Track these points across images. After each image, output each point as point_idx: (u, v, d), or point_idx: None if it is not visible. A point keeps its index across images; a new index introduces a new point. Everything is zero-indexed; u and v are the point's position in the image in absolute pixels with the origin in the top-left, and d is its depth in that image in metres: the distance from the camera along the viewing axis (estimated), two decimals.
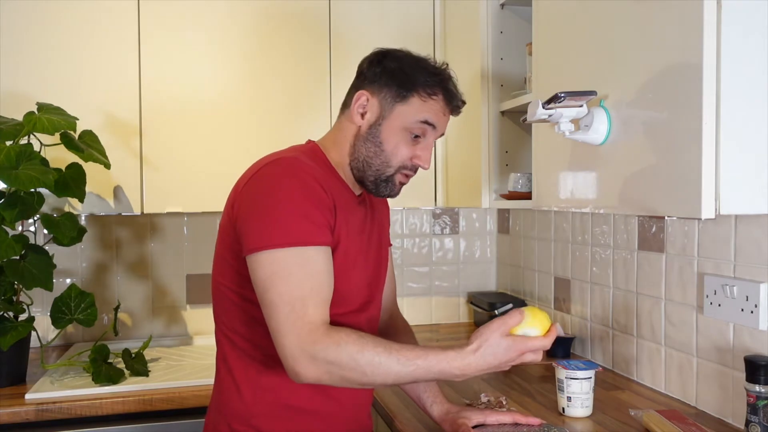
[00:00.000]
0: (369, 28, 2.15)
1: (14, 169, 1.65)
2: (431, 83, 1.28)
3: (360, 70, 1.34)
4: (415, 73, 1.28)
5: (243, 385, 1.26)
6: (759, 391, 1.24)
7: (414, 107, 1.27)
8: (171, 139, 2.01)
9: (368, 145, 1.29)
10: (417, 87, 1.27)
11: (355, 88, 1.33)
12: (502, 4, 1.91)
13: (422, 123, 1.28)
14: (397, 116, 1.28)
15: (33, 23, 1.91)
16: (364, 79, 1.32)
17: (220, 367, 1.32)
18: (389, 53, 1.32)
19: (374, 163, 1.29)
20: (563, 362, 1.51)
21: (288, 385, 1.23)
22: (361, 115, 1.30)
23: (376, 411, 1.68)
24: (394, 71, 1.29)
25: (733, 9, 1.03)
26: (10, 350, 1.76)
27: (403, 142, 1.28)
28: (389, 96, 1.28)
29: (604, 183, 1.30)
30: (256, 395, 1.25)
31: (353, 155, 1.30)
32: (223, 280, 1.27)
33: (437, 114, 1.29)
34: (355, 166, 1.30)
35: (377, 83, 1.29)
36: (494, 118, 1.93)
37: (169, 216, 2.35)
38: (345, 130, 1.32)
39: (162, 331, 2.36)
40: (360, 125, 1.30)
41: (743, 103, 1.04)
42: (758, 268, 1.36)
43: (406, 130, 1.28)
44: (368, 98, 1.29)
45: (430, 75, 1.29)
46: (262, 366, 1.25)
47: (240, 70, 2.06)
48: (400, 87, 1.27)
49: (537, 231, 2.31)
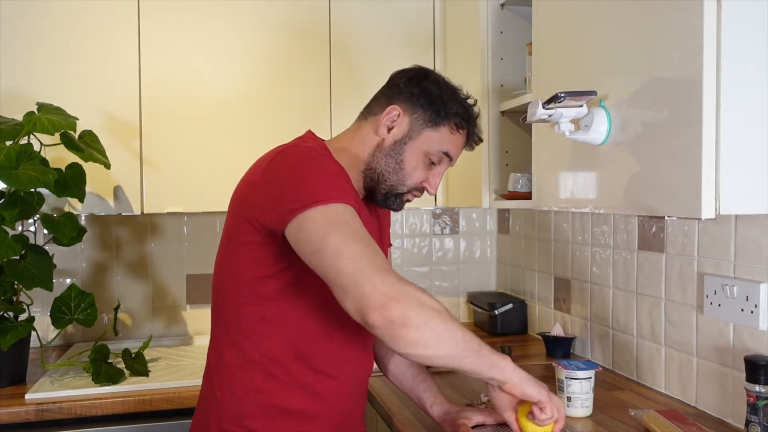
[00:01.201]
0: (369, 28, 2.15)
1: (14, 169, 1.65)
2: (462, 117, 1.30)
3: (394, 83, 1.34)
4: (451, 102, 1.30)
5: (236, 385, 1.24)
6: (759, 391, 1.24)
7: (441, 136, 1.30)
8: (171, 139, 2.01)
9: (388, 160, 1.29)
10: (450, 117, 1.29)
11: (387, 99, 1.32)
12: (502, 4, 1.91)
13: (443, 153, 1.30)
14: (424, 140, 1.29)
15: (33, 23, 1.91)
16: (398, 93, 1.31)
17: (212, 367, 1.31)
18: (429, 74, 1.34)
19: (390, 178, 1.30)
20: (563, 362, 1.51)
21: (280, 387, 1.23)
22: (389, 128, 1.30)
23: (375, 410, 1.68)
24: (432, 96, 1.30)
25: (733, 9, 1.03)
26: (10, 350, 1.76)
27: (422, 165, 1.31)
28: (422, 119, 1.29)
29: (604, 183, 1.30)
30: (248, 396, 1.24)
31: (369, 164, 1.31)
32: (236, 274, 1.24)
33: (457, 147, 1.33)
34: (369, 176, 1.31)
35: (413, 102, 1.30)
36: (494, 118, 1.93)
37: (169, 216, 2.35)
38: (365, 137, 1.32)
39: (162, 331, 2.36)
40: (384, 138, 1.30)
41: (743, 103, 1.04)
42: (758, 268, 1.36)
43: (426, 155, 1.30)
44: (400, 114, 1.29)
45: (463, 108, 1.31)
46: (256, 367, 1.23)
47: (240, 71, 2.06)
48: (434, 113, 1.29)
49: (537, 231, 2.31)
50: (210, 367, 1.32)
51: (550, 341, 2.02)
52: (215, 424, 1.26)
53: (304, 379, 1.24)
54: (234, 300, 1.25)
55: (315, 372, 1.24)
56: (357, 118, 1.38)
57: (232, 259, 1.25)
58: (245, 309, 1.24)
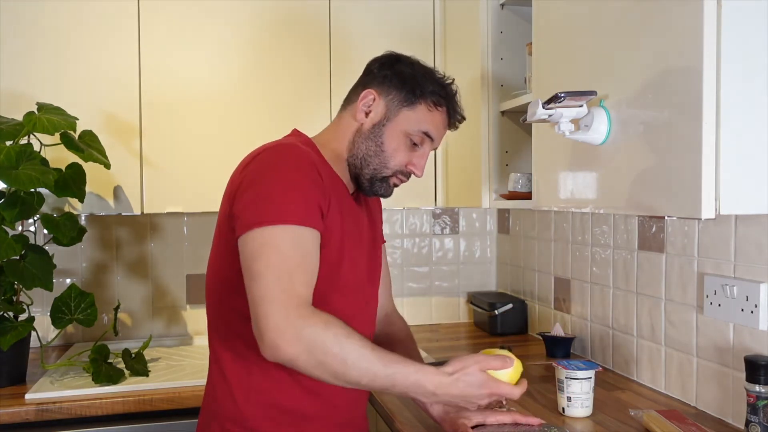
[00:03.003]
0: (369, 27, 2.15)
1: (14, 169, 1.65)
2: (439, 94, 1.31)
3: (369, 70, 1.36)
4: (425, 81, 1.31)
5: (236, 387, 1.24)
6: (759, 391, 1.24)
7: (419, 115, 1.30)
8: (171, 139, 2.01)
9: (369, 144, 1.30)
10: (425, 95, 1.30)
11: (362, 86, 1.34)
12: (502, 4, 1.91)
13: (422, 133, 1.31)
14: (402, 120, 1.30)
15: (33, 23, 1.91)
16: (372, 79, 1.33)
17: (212, 369, 1.31)
18: (402, 58, 1.35)
19: (372, 162, 1.31)
20: (563, 362, 1.51)
21: (281, 387, 1.23)
22: (366, 113, 1.31)
23: (375, 410, 1.68)
24: (405, 76, 1.31)
25: (733, 9, 1.03)
26: (10, 350, 1.76)
27: (403, 146, 1.31)
28: (397, 99, 1.30)
29: (604, 183, 1.30)
30: (249, 397, 1.24)
31: (352, 151, 1.32)
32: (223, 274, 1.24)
33: (438, 127, 1.33)
34: (353, 163, 1.32)
35: (386, 85, 1.31)
36: (494, 118, 1.93)
37: (169, 216, 2.35)
38: (345, 126, 1.34)
39: (162, 331, 2.36)
40: (363, 123, 1.31)
41: (743, 103, 1.04)
42: (758, 268, 1.36)
43: (406, 136, 1.30)
44: (375, 98, 1.31)
45: (438, 86, 1.32)
46: (255, 367, 1.23)
47: (240, 71, 2.06)
48: (409, 92, 1.30)
49: (537, 231, 2.31)
50: (210, 369, 1.32)
51: (550, 341, 2.02)
52: (219, 426, 1.26)
53: (303, 377, 1.20)
54: (226, 299, 1.24)
55: None
56: (338, 112, 1.39)
57: (222, 257, 1.25)
58: (237, 308, 1.22)
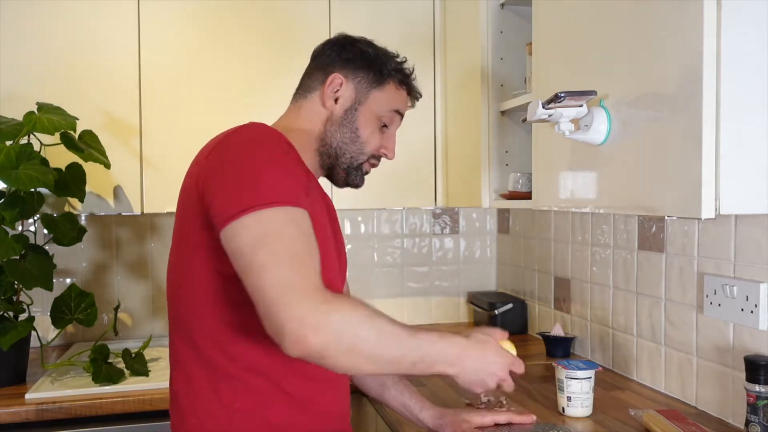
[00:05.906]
0: (369, 28, 2.12)
1: (14, 169, 1.65)
2: (402, 73, 1.29)
3: (324, 53, 1.29)
4: (387, 60, 1.28)
5: (215, 408, 1.11)
6: (759, 390, 1.24)
7: (388, 94, 1.27)
8: (171, 139, 2.00)
9: (343, 131, 1.25)
10: (392, 74, 1.27)
11: (323, 71, 1.27)
12: (502, 4, 1.91)
13: (393, 111, 1.28)
14: (373, 102, 1.26)
15: (33, 23, 1.91)
16: (333, 61, 1.27)
17: (180, 393, 1.15)
18: (357, 39, 1.30)
19: (349, 150, 1.26)
20: (563, 362, 1.51)
21: (266, 402, 1.12)
22: (335, 99, 1.25)
23: (375, 410, 1.68)
24: (369, 56, 1.26)
25: (733, 9, 1.03)
26: (10, 350, 1.76)
27: (377, 129, 1.28)
28: (365, 81, 1.26)
29: (604, 183, 1.30)
30: (233, 417, 1.10)
31: (324, 140, 1.25)
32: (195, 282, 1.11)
33: (404, 104, 1.31)
34: (326, 152, 1.25)
35: (351, 67, 1.26)
36: (494, 118, 1.93)
37: (169, 216, 2.35)
38: (311, 114, 1.26)
39: (162, 331, 2.36)
40: (332, 109, 1.25)
41: (743, 103, 1.04)
42: (758, 268, 1.36)
43: (378, 118, 1.27)
44: (342, 81, 1.25)
45: (398, 65, 1.30)
46: (238, 383, 1.11)
47: (241, 71, 2.05)
48: (377, 72, 1.26)
49: (537, 231, 2.31)
50: (178, 395, 1.16)
51: (550, 341, 2.02)
52: None
53: (289, 388, 1.14)
54: (198, 309, 1.11)
55: (300, 377, 1.14)
56: (292, 100, 1.32)
57: (188, 261, 1.11)
58: (212, 317, 1.10)
